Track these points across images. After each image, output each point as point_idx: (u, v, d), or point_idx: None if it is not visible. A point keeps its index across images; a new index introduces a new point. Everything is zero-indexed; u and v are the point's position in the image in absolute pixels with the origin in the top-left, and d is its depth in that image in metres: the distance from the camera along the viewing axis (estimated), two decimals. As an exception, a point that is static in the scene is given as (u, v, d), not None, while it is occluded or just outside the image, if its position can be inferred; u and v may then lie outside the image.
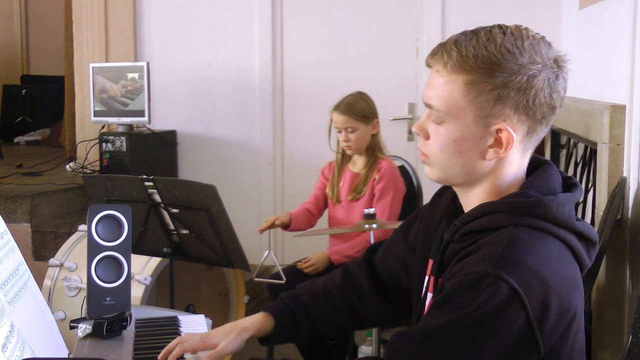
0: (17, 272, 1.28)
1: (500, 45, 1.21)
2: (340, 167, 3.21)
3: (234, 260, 2.58)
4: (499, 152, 1.25)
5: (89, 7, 4.73)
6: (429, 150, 1.31)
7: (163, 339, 1.46)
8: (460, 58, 1.22)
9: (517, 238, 1.20)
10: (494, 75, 1.21)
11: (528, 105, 1.23)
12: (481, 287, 1.15)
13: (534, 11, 4.13)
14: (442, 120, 1.26)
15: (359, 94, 3.14)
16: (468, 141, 1.26)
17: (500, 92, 1.21)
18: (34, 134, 6.93)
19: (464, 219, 1.30)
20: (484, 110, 1.23)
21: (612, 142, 2.54)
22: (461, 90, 1.23)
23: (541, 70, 1.22)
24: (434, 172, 1.33)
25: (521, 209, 1.23)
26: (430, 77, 1.28)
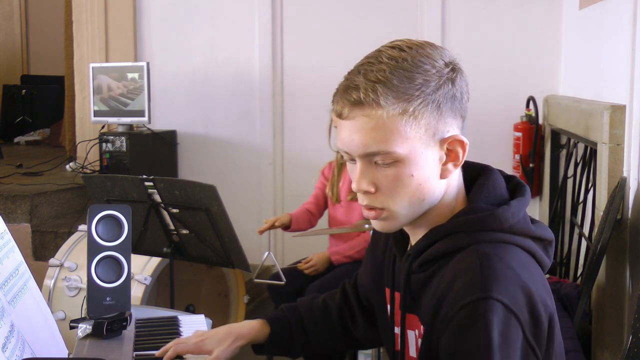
0: (17, 272, 1.28)
1: (412, 60, 1.17)
2: (340, 167, 3.21)
3: (234, 261, 2.58)
4: (455, 164, 1.21)
5: (89, 7, 4.73)
6: (383, 201, 1.20)
7: (163, 339, 1.46)
8: (388, 89, 1.14)
9: (486, 255, 1.14)
10: (426, 92, 1.15)
11: (460, 107, 1.21)
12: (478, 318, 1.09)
13: (533, 11, 4.13)
14: (393, 160, 1.16)
15: None
16: (426, 168, 1.18)
17: (439, 104, 1.17)
18: (34, 134, 6.92)
19: (418, 247, 1.23)
20: (430, 130, 1.17)
21: (612, 142, 2.54)
22: (405, 122, 1.15)
23: (454, 70, 1.20)
24: (392, 224, 1.22)
25: (477, 225, 1.18)
26: (352, 127, 1.17)
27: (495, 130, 4.18)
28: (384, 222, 1.23)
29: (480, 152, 4.67)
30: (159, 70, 4.59)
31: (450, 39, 4.30)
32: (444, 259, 1.20)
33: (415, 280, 1.24)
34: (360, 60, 1.24)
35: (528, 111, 3.92)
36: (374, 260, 1.43)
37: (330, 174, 3.24)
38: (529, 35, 4.07)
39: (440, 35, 4.29)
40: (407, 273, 1.25)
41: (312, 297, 1.61)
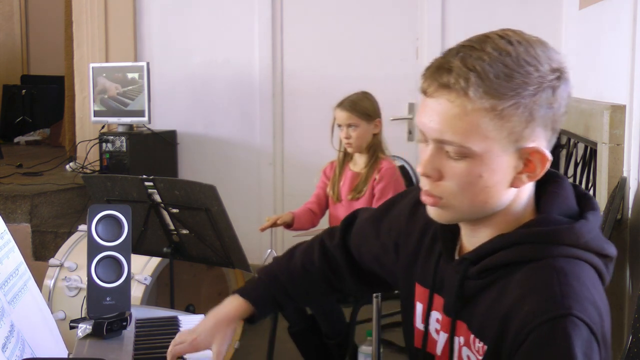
0: (17, 272, 1.28)
1: (517, 57, 1.07)
2: (342, 166, 3.21)
3: (234, 260, 2.58)
4: (530, 176, 1.12)
5: (89, 7, 4.73)
6: (443, 191, 1.13)
7: (163, 339, 1.46)
8: (480, 81, 1.06)
9: (562, 270, 1.07)
10: (521, 95, 1.06)
11: (554, 119, 1.11)
12: (559, 336, 1.02)
13: (534, 11, 4.13)
14: (464, 156, 1.09)
15: (363, 93, 3.15)
16: (497, 173, 1.10)
17: (531, 111, 1.07)
18: (34, 134, 6.92)
19: (480, 253, 1.16)
20: (514, 135, 1.08)
21: (612, 142, 2.54)
22: (489, 119, 1.07)
23: (559, 78, 1.10)
24: (447, 215, 1.16)
25: (552, 238, 1.11)
26: (437, 108, 1.10)
27: (495, 130, 4.18)
28: (439, 211, 1.16)
29: (480, 152, 4.67)
30: (159, 70, 4.60)
31: (450, 39, 4.30)
32: (507, 268, 1.12)
33: (470, 287, 1.17)
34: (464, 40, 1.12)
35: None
36: (405, 249, 1.36)
37: (331, 173, 3.24)
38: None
39: (440, 35, 4.29)
40: (462, 279, 1.18)
41: (288, 259, 1.55)
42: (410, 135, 4.42)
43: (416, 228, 1.33)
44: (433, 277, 1.27)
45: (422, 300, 1.31)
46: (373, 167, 3.10)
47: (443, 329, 1.25)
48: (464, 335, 1.19)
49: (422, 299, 1.31)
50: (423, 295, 1.31)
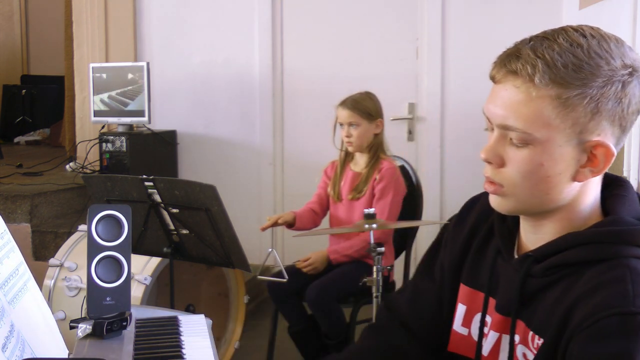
0: (17, 272, 1.28)
1: (588, 50, 1.07)
2: (343, 166, 3.21)
3: (234, 260, 2.58)
4: (593, 170, 1.11)
5: (89, 7, 4.73)
6: (504, 178, 1.13)
7: (163, 339, 1.46)
8: (547, 69, 1.06)
9: (636, 270, 1.06)
10: (589, 86, 1.06)
11: (622, 116, 1.09)
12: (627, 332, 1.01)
13: (534, 11, 4.13)
14: (527, 143, 1.09)
15: (366, 93, 3.16)
16: (559, 163, 1.09)
17: (598, 104, 1.06)
18: (34, 134, 6.93)
19: (547, 250, 1.14)
20: (578, 126, 1.07)
21: (612, 142, 2.54)
22: (553, 107, 1.07)
23: (631, 74, 1.09)
24: (508, 204, 1.15)
25: (625, 238, 1.09)
26: (503, 93, 1.11)
27: (495, 130, 4.18)
28: (500, 199, 1.15)
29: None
30: (159, 70, 4.60)
31: (451, 39, 4.30)
32: (574, 267, 1.11)
33: (531, 284, 1.16)
34: (539, 32, 1.14)
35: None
36: (453, 250, 1.33)
37: (332, 173, 3.24)
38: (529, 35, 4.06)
39: (440, 35, 4.29)
40: (524, 276, 1.16)
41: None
42: (410, 135, 4.42)
43: (463, 231, 1.32)
44: (489, 278, 1.24)
45: (467, 301, 1.29)
46: (374, 167, 3.11)
47: (494, 328, 1.23)
48: (521, 333, 1.18)
49: (467, 300, 1.29)
50: (469, 296, 1.29)
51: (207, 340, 1.46)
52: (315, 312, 3.04)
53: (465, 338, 1.30)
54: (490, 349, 1.25)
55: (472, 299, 1.28)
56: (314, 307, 3.02)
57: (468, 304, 1.29)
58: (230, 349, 3.32)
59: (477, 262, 1.28)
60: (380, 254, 2.52)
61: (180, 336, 1.51)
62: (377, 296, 2.56)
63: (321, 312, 3.02)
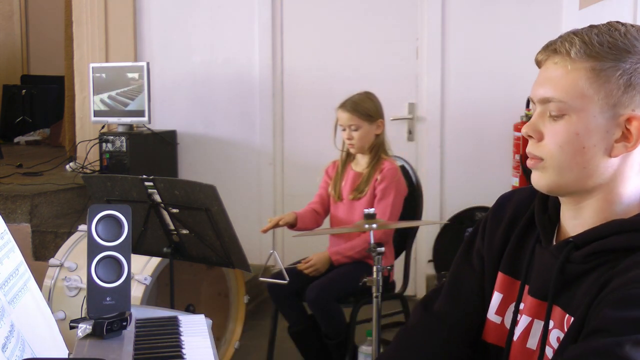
0: (17, 272, 1.28)
1: (625, 33, 1.14)
2: (344, 166, 3.21)
3: (234, 260, 2.58)
4: (627, 145, 1.14)
5: (89, 7, 4.73)
6: (544, 151, 1.18)
7: (163, 339, 1.46)
8: (584, 45, 1.14)
9: None
10: (622, 60, 1.12)
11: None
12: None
13: (534, 11, 4.13)
14: (563, 113, 1.16)
15: (365, 94, 3.15)
16: (593, 134, 1.14)
17: (630, 77, 1.12)
18: (34, 134, 6.92)
19: (588, 236, 1.17)
20: (612, 99, 1.13)
21: (612, 142, 2.54)
22: (587, 78, 1.14)
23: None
24: (547, 177, 1.19)
25: None
26: (544, 73, 1.19)
27: (495, 130, 4.18)
28: (539, 173, 1.20)
29: (481, 152, 4.70)
30: (159, 70, 4.60)
31: (450, 39, 4.30)
32: (615, 254, 1.13)
33: (570, 270, 1.18)
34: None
35: (528, 111, 3.92)
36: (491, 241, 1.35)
37: (334, 172, 3.24)
38: (529, 35, 4.07)
39: (440, 35, 4.29)
40: (563, 261, 1.18)
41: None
42: (410, 135, 4.42)
43: (502, 223, 1.35)
44: (527, 266, 1.27)
45: (504, 290, 1.31)
46: (375, 167, 3.10)
47: (527, 312, 1.24)
48: (557, 318, 1.19)
49: (504, 288, 1.31)
50: (506, 284, 1.31)
51: (207, 340, 1.46)
52: (315, 312, 3.04)
53: (498, 327, 1.31)
54: (520, 334, 1.25)
55: (509, 287, 1.30)
56: (314, 307, 3.02)
57: (504, 292, 1.31)
58: (230, 349, 3.32)
59: (516, 251, 1.31)
60: (380, 254, 2.52)
61: (180, 336, 1.51)
62: (377, 296, 2.56)
63: (321, 312, 3.02)
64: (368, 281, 2.57)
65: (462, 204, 3.99)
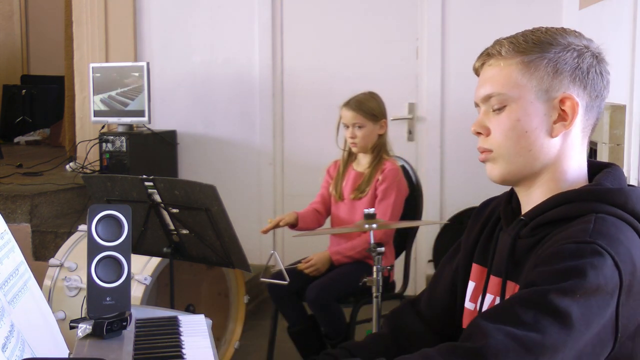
0: (17, 272, 1.28)
1: (546, 31, 1.28)
2: (345, 165, 3.21)
3: (234, 260, 2.58)
4: (564, 124, 1.26)
5: (89, 7, 4.73)
6: (492, 143, 1.30)
7: (163, 339, 1.46)
8: (512, 44, 1.28)
9: (604, 220, 1.17)
10: (547, 51, 1.25)
11: (583, 78, 1.26)
12: (584, 255, 1.11)
13: (534, 11, 4.13)
14: (504, 104, 1.28)
15: (370, 94, 3.16)
16: (533, 118, 1.26)
17: (556, 64, 1.25)
18: (34, 134, 6.92)
19: (535, 211, 1.26)
20: (543, 84, 1.25)
21: (612, 142, 2.55)
22: (519, 70, 1.26)
23: (587, 49, 1.27)
24: (499, 167, 1.30)
25: (602, 196, 1.21)
26: (482, 76, 1.33)
27: (495, 130, 4.18)
28: (491, 164, 1.30)
29: (480, 152, 4.66)
30: (159, 70, 4.60)
31: (451, 39, 4.30)
32: (557, 224, 1.22)
33: (521, 246, 1.26)
34: None
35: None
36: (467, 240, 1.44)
37: (335, 172, 3.24)
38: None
39: (440, 35, 4.29)
40: (514, 237, 1.27)
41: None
42: (410, 135, 4.42)
43: (479, 221, 1.44)
44: (488, 254, 1.35)
45: (476, 278, 1.38)
46: (376, 167, 3.10)
47: (490, 291, 1.32)
48: (511, 292, 1.25)
49: (477, 277, 1.39)
50: (478, 273, 1.38)
51: (207, 340, 1.46)
52: (315, 312, 3.04)
53: (472, 313, 1.37)
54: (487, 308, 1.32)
55: (480, 275, 1.38)
56: (314, 307, 3.02)
57: (477, 280, 1.39)
58: (230, 349, 3.32)
59: (486, 242, 1.39)
60: (381, 254, 2.52)
61: (180, 336, 1.51)
62: (377, 296, 2.56)
63: (321, 312, 3.02)
64: (368, 281, 2.57)
65: (462, 204, 3.99)
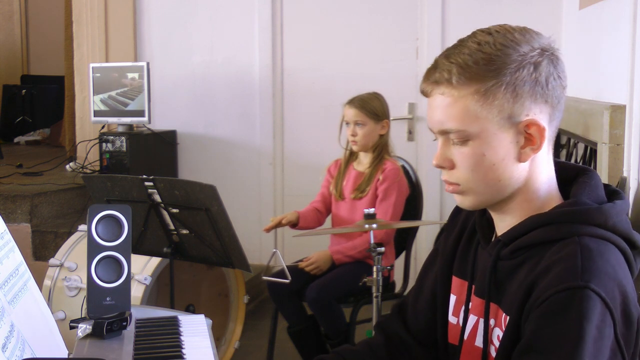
0: (17, 272, 1.28)
1: (494, 44, 1.16)
2: (346, 165, 3.21)
3: (234, 260, 2.58)
4: (533, 148, 1.19)
5: (89, 7, 4.73)
6: (458, 177, 1.22)
7: (163, 339, 1.46)
8: (461, 70, 1.16)
9: (587, 247, 1.13)
10: (502, 74, 1.15)
11: (544, 93, 1.18)
12: (574, 306, 1.08)
13: (534, 11, 4.13)
14: (466, 139, 1.19)
15: (374, 93, 3.17)
16: (499, 150, 1.18)
17: (515, 87, 1.16)
18: (34, 134, 6.92)
19: (512, 234, 1.22)
20: (505, 112, 1.17)
21: (612, 142, 2.55)
22: (476, 101, 1.16)
23: (542, 54, 1.18)
24: (469, 200, 1.24)
25: (582, 218, 1.16)
26: (433, 104, 1.21)
27: (495, 130, 4.18)
28: (461, 196, 1.25)
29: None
30: (159, 70, 4.60)
31: (450, 39, 4.29)
32: (538, 247, 1.18)
33: (502, 268, 1.23)
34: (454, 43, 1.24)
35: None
36: (444, 249, 1.41)
37: (336, 171, 3.24)
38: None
39: (440, 35, 4.29)
40: (495, 259, 1.23)
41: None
42: (410, 135, 4.42)
43: (456, 227, 1.40)
44: (469, 266, 1.32)
45: (457, 292, 1.35)
46: (377, 167, 3.11)
47: (474, 312, 1.29)
48: (495, 316, 1.24)
49: (457, 290, 1.35)
50: (459, 287, 1.35)
51: (207, 340, 1.46)
52: (315, 311, 3.04)
53: (455, 327, 1.35)
54: (469, 332, 1.30)
55: (460, 289, 1.35)
56: (314, 306, 3.02)
57: (457, 294, 1.35)
58: (230, 349, 3.32)
59: (464, 254, 1.36)
60: (380, 254, 2.52)
61: (180, 336, 1.51)
62: (377, 296, 2.56)
63: (321, 311, 3.02)
64: (368, 281, 2.57)
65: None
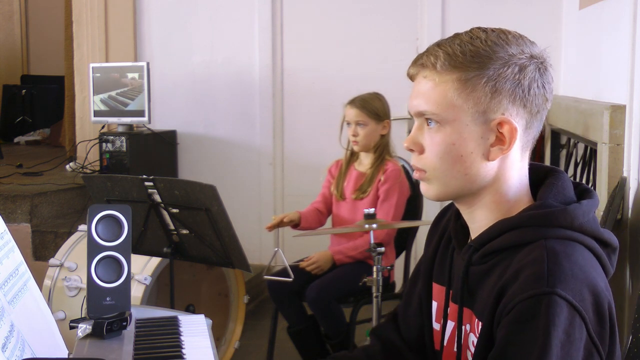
0: (17, 272, 1.28)
1: (486, 40, 1.17)
2: (347, 165, 3.21)
3: (234, 260, 2.58)
4: (502, 148, 1.18)
5: (89, 7, 4.73)
6: (426, 163, 1.22)
7: (163, 339, 1.46)
8: (448, 57, 1.17)
9: (554, 251, 1.13)
10: (486, 67, 1.16)
11: (524, 96, 1.17)
12: (541, 312, 1.08)
13: (534, 11, 4.13)
14: (438, 124, 1.19)
15: (375, 94, 3.17)
16: (469, 142, 1.18)
17: (495, 83, 1.16)
18: (34, 134, 6.92)
19: (482, 238, 1.22)
20: (481, 106, 1.17)
21: (612, 142, 2.54)
22: (455, 89, 1.17)
23: (530, 60, 1.18)
24: (433, 188, 1.24)
25: (548, 220, 1.16)
26: (417, 87, 1.22)
27: (495, 130, 4.18)
28: (426, 184, 1.24)
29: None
30: (159, 70, 4.60)
31: (450, 39, 4.30)
32: (507, 252, 1.18)
33: (474, 273, 1.23)
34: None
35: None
36: (426, 255, 1.41)
37: (337, 172, 3.24)
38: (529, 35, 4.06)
39: (440, 36, 4.29)
40: (466, 265, 1.23)
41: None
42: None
43: (436, 234, 1.40)
44: (446, 272, 1.32)
45: (438, 298, 1.35)
46: (378, 167, 3.11)
47: (451, 317, 1.29)
48: (470, 321, 1.24)
49: (438, 297, 1.35)
50: (439, 293, 1.35)
51: (207, 340, 1.46)
52: (315, 311, 3.04)
53: (438, 333, 1.35)
54: (448, 338, 1.31)
55: (440, 295, 1.35)
56: (314, 306, 3.02)
57: (439, 300, 1.35)
58: (230, 349, 3.32)
59: (442, 260, 1.36)
60: (381, 254, 2.52)
61: (180, 336, 1.51)
62: (377, 296, 2.56)
63: (321, 311, 3.02)
64: (368, 281, 2.57)
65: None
